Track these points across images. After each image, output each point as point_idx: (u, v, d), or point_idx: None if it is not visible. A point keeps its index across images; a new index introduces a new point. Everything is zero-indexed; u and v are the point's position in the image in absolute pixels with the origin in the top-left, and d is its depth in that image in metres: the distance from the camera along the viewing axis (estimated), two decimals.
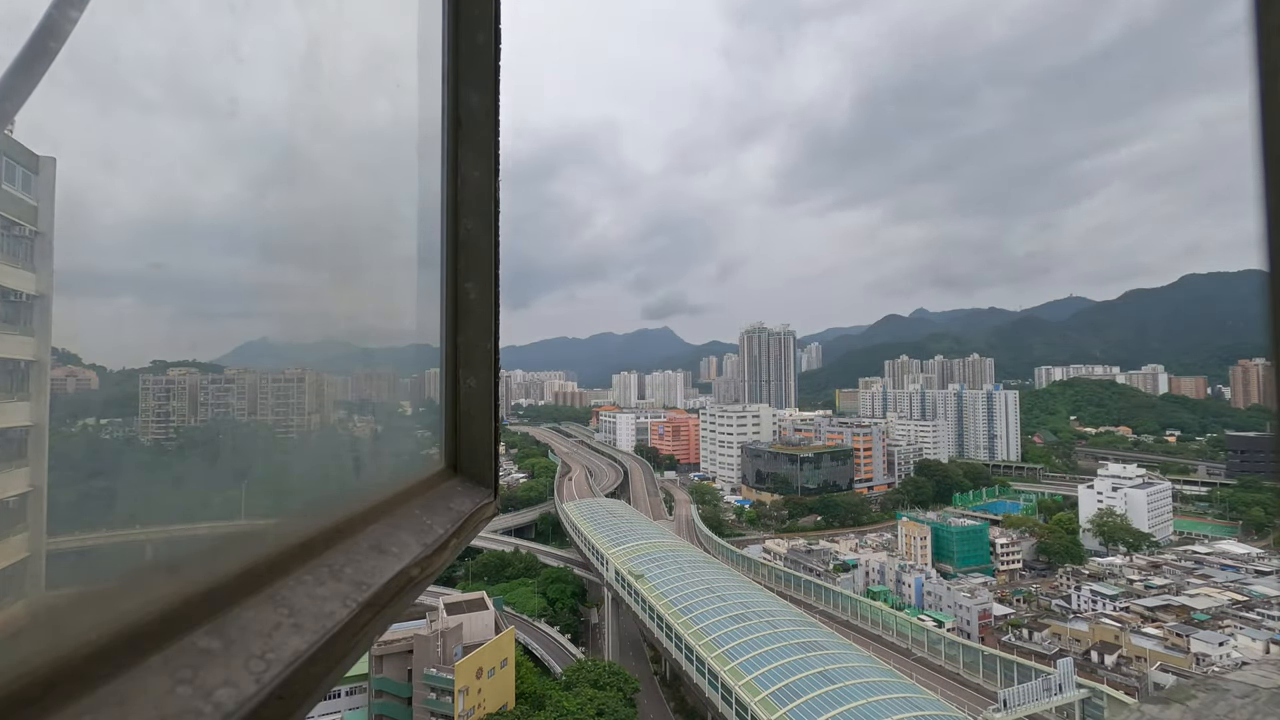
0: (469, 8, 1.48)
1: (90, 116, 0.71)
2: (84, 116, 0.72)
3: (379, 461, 1.58)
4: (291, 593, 0.77)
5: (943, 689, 50.62)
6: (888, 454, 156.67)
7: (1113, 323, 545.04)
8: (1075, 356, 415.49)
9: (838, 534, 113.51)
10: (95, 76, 0.73)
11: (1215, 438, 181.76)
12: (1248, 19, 0.83)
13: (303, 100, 1.02)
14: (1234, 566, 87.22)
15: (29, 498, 0.80)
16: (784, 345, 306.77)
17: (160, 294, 0.83)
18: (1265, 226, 0.80)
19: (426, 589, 1.16)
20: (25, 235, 0.79)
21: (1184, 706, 3.39)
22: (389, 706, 45.82)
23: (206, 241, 0.88)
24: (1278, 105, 0.80)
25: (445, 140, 1.48)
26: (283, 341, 1.12)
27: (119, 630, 0.57)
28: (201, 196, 0.86)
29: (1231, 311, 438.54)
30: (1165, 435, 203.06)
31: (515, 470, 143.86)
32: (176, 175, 0.82)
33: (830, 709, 38.56)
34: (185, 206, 0.84)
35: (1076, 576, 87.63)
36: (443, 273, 1.49)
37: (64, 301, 0.79)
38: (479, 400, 1.51)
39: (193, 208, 0.85)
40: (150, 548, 0.73)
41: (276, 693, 0.62)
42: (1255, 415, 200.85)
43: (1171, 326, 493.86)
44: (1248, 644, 57.90)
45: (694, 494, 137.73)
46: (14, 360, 0.78)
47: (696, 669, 48.17)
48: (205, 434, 1.12)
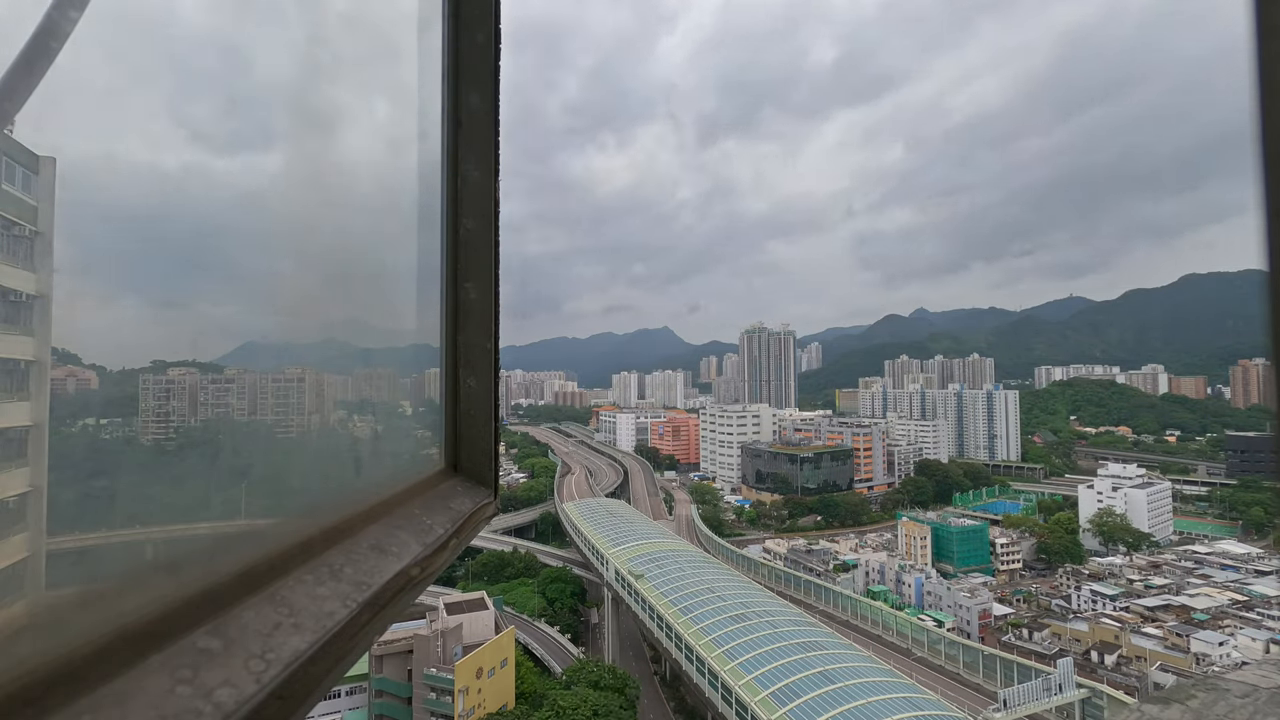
0: (469, 8, 1.48)
1: (90, 116, 0.71)
2: (84, 116, 0.72)
3: (379, 461, 1.58)
4: (291, 593, 0.77)
5: (943, 689, 50.62)
6: (888, 454, 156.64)
7: (1113, 323, 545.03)
8: (1075, 356, 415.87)
9: (838, 534, 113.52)
10: (95, 76, 0.73)
11: (1215, 438, 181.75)
12: (1248, 19, 0.83)
13: (303, 100, 1.02)
14: (1234, 566, 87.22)
15: (29, 498, 0.80)
16: (784, 345, 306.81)
17: (160, 294, 0.83)
18: (1265, 226, 0.80)
19: (426, 589, 1.16)
20: (25, 235, 0.79)
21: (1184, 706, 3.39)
22: (389, 706, 45.82)
23: (207, 241, 0.88)
24: (1278, 105, 0.80)
25: (445, 140, 1.47)
26: (283, 341, 1.12)
27: (119, 630, 0.57)
28: (201, 196, 0.86)
29: (1231, 311, 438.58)
30: (1165, 435, 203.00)
31: (515, 470, 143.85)
32: (176, 175, 0.82)
33: (830, 709, 38.56)
34: (185, 206, 0.84)
35: (1076, 576, 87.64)
36: (443, 273, 1.49)
37: (64, 301, 0.79)
38: (479, 400, 1.51)
39: (193, 208, 0.85)
40: (150, 548, 0.73)
41: (276, 693, 0.62)
42: (1255, 415, 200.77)
43: (1171, 326, 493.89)
44: (1248, 644, 57.90)
45: (694, 494, 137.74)
46: (14, 360, 0.78)
47: (696, 669, 48.16)
48: (205, 434, 1.12)
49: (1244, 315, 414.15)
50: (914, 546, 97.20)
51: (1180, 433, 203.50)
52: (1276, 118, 0.80)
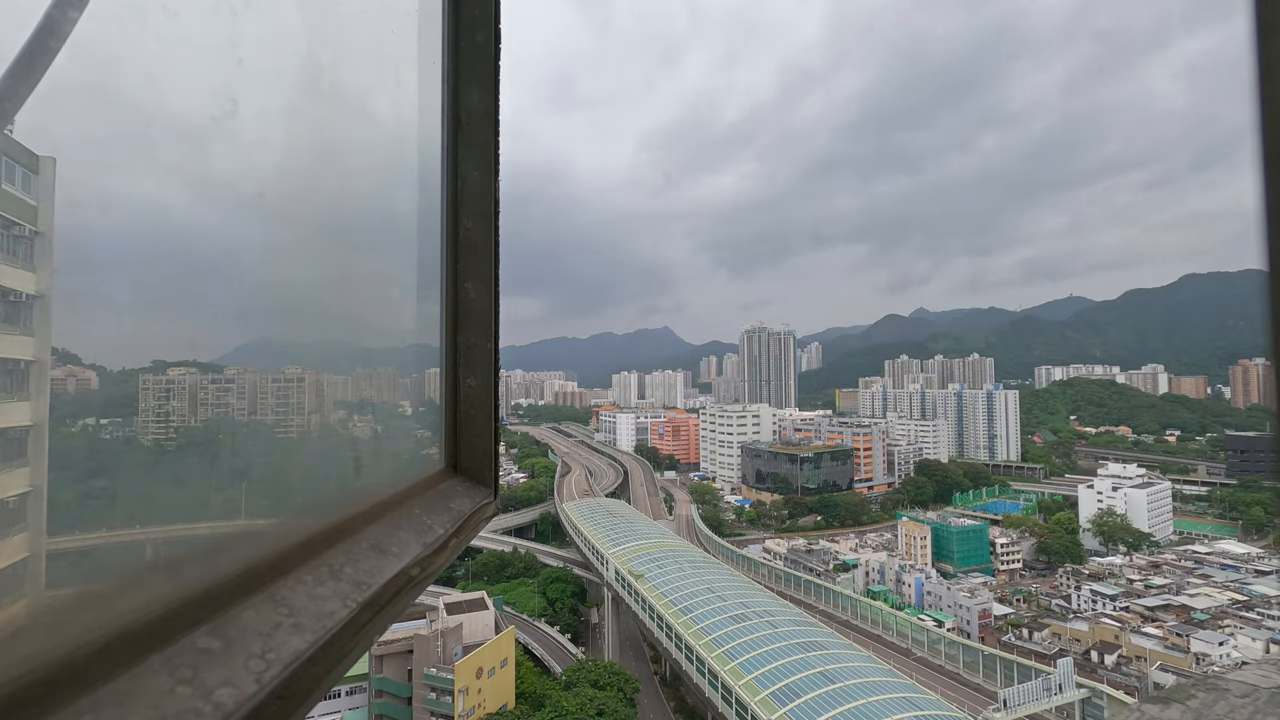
0: (469, 8, 1.48)
1: (90, 116, 0.71)
2: (84, 116, 0.72)
3: (379, 461, 1.58)
4: (291, 593, 0.77)
5: (943, 689, 50.61)
6: (888, 454, 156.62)
7: (1113, 323, 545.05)
8: (1075, 356, 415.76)
9: (838, 534, 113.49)
10: (95, 77, 0.73)
11: (1215, 438, 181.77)
12: (1247, 18, 0.84)
13: (303, 100, 1.02)
14: (1234, 566, 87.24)
15: (29, 498, 0.80)
16: (784, 345, 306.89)
17: (160, 294, 0.82)
18: (1265, 226, 0.80)
19: (426, 589, 1.16)
20: (25, 235, 0.79)
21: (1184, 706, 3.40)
22: (389, 706, 45.82)
23: (206, 241, 0.88)
24: (1277, 105, 0.80)
25: (445, 140, 1.48)
26: (283, 341, 1.12)
27: (119, 630, 0.57)
28: (201, 196, 0.86)
29: (1231, 311, 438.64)
30: (1165, 435, 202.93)
31: (515, 470, 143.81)
32: (176, 175, 0.82)
33: (830, 709, 38.56)
34: (185, 206, 0.84)
35: (1076, 576, 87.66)
36: (443, 273, 1.49)
37: (64, 301, 0.79)
38: (479, 400, 1.51)
39: (193, 208, 0.85)
40: (150, 548, 0.73)
41: (276, 693, 0.62)
42: (1255, 415, 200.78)
43: (1171, 326, 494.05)
44: (1248, 644, 57.90)
45: (694, 494, 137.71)
46: (14, 360, 0.78)
47: (696, 669, 48.16)
48: (205, 434, 1.12)
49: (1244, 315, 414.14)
50: (914, 546, 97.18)
51: (1180, 433, 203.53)
52: (1277, 118, 0.80)
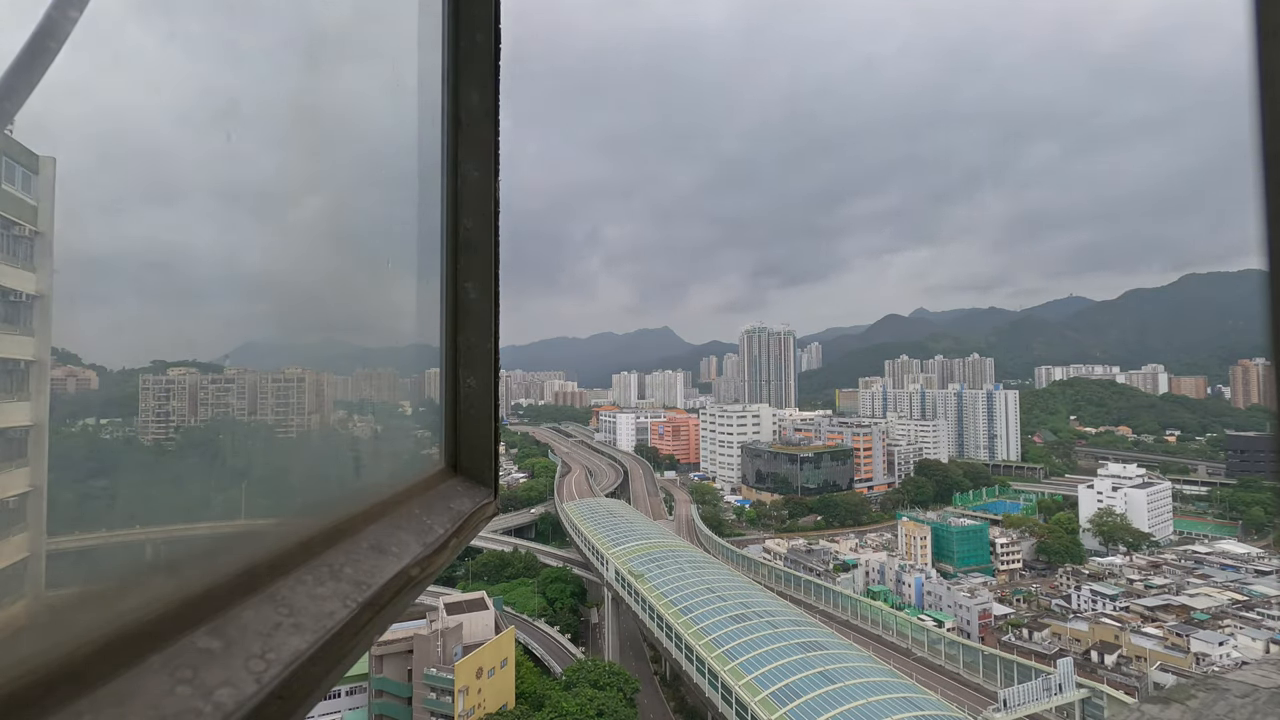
0: (469, 7, 1.48)
1: (90, 116, 0.71)
2: (84, 116, 0.72)
3: (379, 461, 1.58)
4: (291, 593, 0.77)
5: (943, 689, 50.63)
6: (888, 454, 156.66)
7: (1113, 323, 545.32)
8: (1075, 356, 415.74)
9: (838, 534, 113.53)
10: (95, 76, 0.73)
11: (1215, 438, 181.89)
12: (1247, 21, 0.84)
13: (303, 100, 1.02)
14: (1234, 566, 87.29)
15: (29, 498, 0.79)
16: (784, 345, 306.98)
17: (160, 294, 0.82)
18: (1265, 226, 0.80)
19: (426, 589, 1.16)
20: (25, 235, 0.79)
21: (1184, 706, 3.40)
22: (389, 706, 45.84)
23: (207, 241, 0.88)
24: (1277, 106, 0.81)
25: (445, 140, 1.47)
26: (283, 341, 1.12)
27: (119, 630, 0.57)
28: (201, 196, 0.86)
29: (1231, 311, 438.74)
30: (1165, 435, 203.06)
31: (515, 470, 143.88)
32: (176, 175, 0.82)
33: (830, 709, 38.59)
34: (185, 207, 0.84)
35: (1076, 576, 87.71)
36: (443, 273, 1.49)
37: (64, 301, 0.79)
38: (479, 400, 1.51)
39: (193, 208, 0.85)
40: (150, 548, 0.73)
41: (276, 693, 0.62)
42: (1255, 415, 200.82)
43: (1171, 326, 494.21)
44: (1248, 644, 57.92)
45: (694, 494, 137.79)
46: (14, 360, 0.78)
47: (696, 669, 48.17)
48: (205, 434, 1.12)
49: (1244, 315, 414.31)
50: (914, 546, 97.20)
51: (1180, 433, 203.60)
52: (1276, 118, 0.80)
